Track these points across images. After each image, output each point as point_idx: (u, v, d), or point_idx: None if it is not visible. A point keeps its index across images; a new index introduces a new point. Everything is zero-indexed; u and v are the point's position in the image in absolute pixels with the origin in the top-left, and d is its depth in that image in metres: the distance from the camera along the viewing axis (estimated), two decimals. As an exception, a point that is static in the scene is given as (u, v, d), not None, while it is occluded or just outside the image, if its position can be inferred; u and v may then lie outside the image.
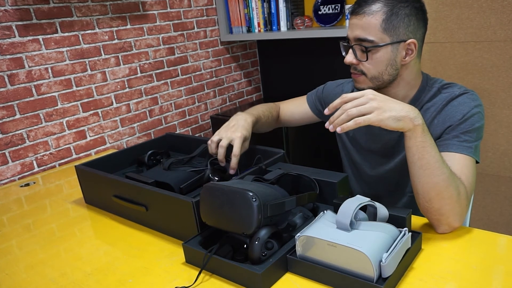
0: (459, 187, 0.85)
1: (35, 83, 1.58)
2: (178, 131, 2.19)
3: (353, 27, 0.97)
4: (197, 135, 2.29)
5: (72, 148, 1.73)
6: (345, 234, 0.74)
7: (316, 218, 0.82)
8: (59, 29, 1.63)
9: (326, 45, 2.26)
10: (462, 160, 0.91)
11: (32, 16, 1.55)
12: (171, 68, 2.10)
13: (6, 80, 1.50)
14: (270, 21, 2.20)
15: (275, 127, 1.34)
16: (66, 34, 1.66)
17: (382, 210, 0.81)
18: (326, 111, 0.88)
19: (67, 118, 1.70)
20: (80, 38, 1.71)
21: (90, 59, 1.75)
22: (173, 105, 2.14)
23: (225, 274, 0.80)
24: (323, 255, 0.75)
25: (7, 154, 1.53)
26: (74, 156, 1.74)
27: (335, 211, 0.79)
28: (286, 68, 2.52)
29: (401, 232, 0.77)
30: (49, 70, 1.62)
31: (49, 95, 1.63)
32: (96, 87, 1.79)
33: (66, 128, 1.70)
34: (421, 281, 0.74)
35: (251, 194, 0.76)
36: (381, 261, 0.69)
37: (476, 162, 0.94)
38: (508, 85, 1.62)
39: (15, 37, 1.51)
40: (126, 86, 1.90)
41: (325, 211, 0.83)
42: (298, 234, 0.77)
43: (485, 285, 0.71)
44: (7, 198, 1.36)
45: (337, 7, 2.09)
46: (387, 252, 0.71)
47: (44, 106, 1.62)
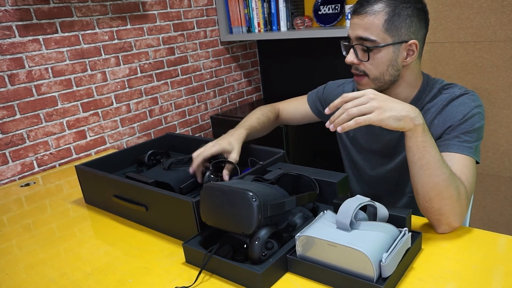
0: (459, 187, 0.85)
1: (35, 83, 1.58)
2: (178, 131, 2.19)
3: (355, 27, 0.96)
4: (197, 135, 2.29)
5: (72, 148, 1.73)
6: (345, 234, 0.74)
7: (316, 218, 0.82)
8: (59, 29, 1.63)
9: (326, 45, 2.25)
10: (462, 160, 0.91)
11: (32, 16, 1.55)
12: (171, 68, 2.10)
13: (6, 80, 1.50)
14: (270, 21, 2.20)
15: (275, 127, 1.35)
16: (66, 34, 1.66)
17: (382, 210, 0.81)
18: (327, 111, 0.88)
19: (67, 118, 1.70)
20: (80, 38, 1.71)
21: (90, 59, 1.75)
22: (173, 105, 2.14)
23: (225, 274, 0.80)
24: (323, 255, 0.75)
25: (7, 154, 1.53)
26: (74, 156, 1.74)
27: (335, 211, 0.79)
28: (286, 68, 2.52)
29: (401, 232, 0.77)
30: (49, 70, 1.62)
31: (49, 95, 1.63)
32: (96, 87, 1.79)
33: (66, 128, 1.70)
34: (421, 281, 0.74)
35: (251, 194, 0.76)
36: (381, 261, 0.69)
37: (476, 163, 0.94)
38: (508, 85, 1.62)
39: (15, 37, 1.51)
40: (126, 86, 1.90)
41: (325, 211, 0.83)
42: (298, 234, 0.77)
43: (485, 285, 0.72)
44: (7, 198, 1.36)
45: (337, 7, 2.09)
46: (387, 252, 0.71)
47: (44, 106, 1.62)
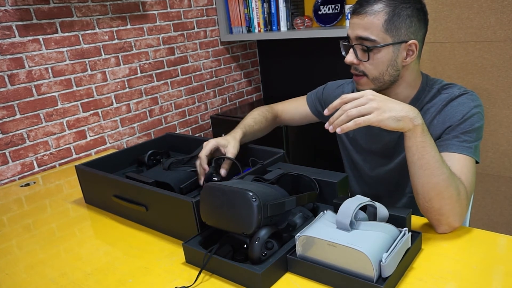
0: (459, 187, 0.85)
1: (35, 83, 1.58)
2: (178, 131, 2.19)
3: (355, 27, 0.96)
4: (197, 135, 2.29)
5: (72, 148, 1.73)
6: (345, 234, 0.74)
7: (316, 218, 0.82)
8: (59, 29, 1.63)
9: (326, 45, 2.25)
10: (462, 160, 0.91)
11: (32, 16, 1.55)
12: (171, 68, 2.10)
13: (6, 80, 1.50)
14: (270, 21, 2.20)
15: (274, 127, 1.34)
16: (66, 34, 1.66)
17: (382, 210, 0.81)
18: (326, 112, 0.88)
19: (67, 118, 1.70)
20: (80, 38, 1.71)
21: (90, 59, 1.75)
22: (173, 105, 2.14)
23: (225, 274, 0.80)
24: (323, 255, 0.75)
25: (7, 154, 1.53)
26: (74, 156, 1.74)
27: (335, 211, 0.79)
28: (286, 68, 2.52)
29: (401, 232, 0.77)
30: (49, 70, 1.62)
31: (49, 95, 1.63)
32: (96, 87, 1.79)
33: (66, 128, 1.70)
34: (421, 281, 0.74)
35: (251, 194, 0.76)
36: (381, 261, 0.69)
37: (476, 162, 0.94)
38: (508, 85, 1.62)
39: (15, 37, 1.51)
40: (126, 86, 1.90)
41: (325, 211, 0.83)
42: (298, 234, 0.77)
43: (485, 285, 0.72)
44: (7, 198, 1.36)
45: (337, 7, 2.09)
46: (387, 252, 0.71)
47: (44, 106, 1.62)
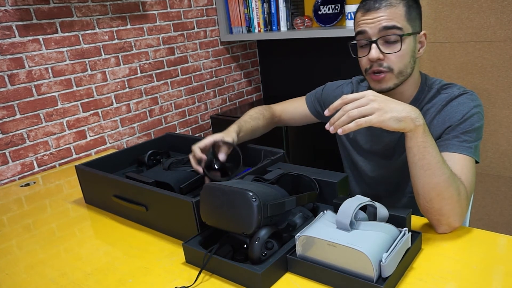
0: (460, 187, 0.85)
1: (35, 83, 1.58)
2: (178, 131, 2.19)
3: (375, 20, 0.95)
4: (197, 135, 2.29)
5: (72, 148, 1.73)
6: (345, 234, 0.74)
7: (316, 218, 0.82)
8: (59, 29, 1.63)
9: (326, 45, 2.25)
10: (462, 160, 0.91)
11: (32, 16, 1.55)
12: (171, 68, 2.10)
13: (6, 80, 1.50)
14: (270, 21, 2.20)
15: (273, 127, 1.34)
16: (66, 34, 1.66)
17: (382, 210, 0.81)
18: (327, 112, 0.88)
19: (67, 118, 1.70)
20: (80, 38, 1.71)
21: (90, 59, 1.75)
22: (173, 105, 2.14)
23: (225, 274, 0.80)
24: (323, 255, 0.75)
25: (7, 154, 1.53)
26: (74, 156, 1.74)
27: (335, 211, 0.79)
28: (286, 68, 2.52)
29: (401, 232, 0.77)
30: (49, 70, 1.62)
31: (49, 95, 1.63)
32: (96, 87, 1.79)
33: (66, 128, 1.70)
34: (421, 281, 0.74)
35: (251, 194, 0.76)
36: (381, 261, 0.69)
37: (476, 162, 0.94)
38: (508, 85, 1.62)
39: (15, 37, 1.51)
40: (126, 86, 1.90)
41: (325, 211, 0.83)
42: (298, 234, 0.77)
43: (485, 285, 0.72)
44: (7, 198, 1.36)
45: (337, 7, 2.09)
46: (387, 252, 0.71)
47: (44, 106, 1.62)
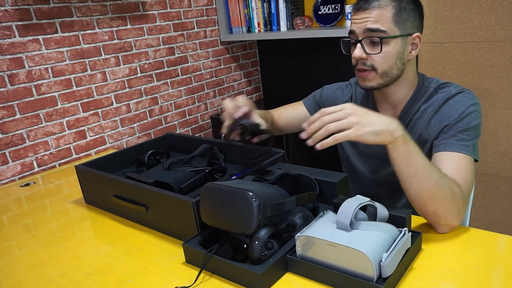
0: (453, 188, 0.85)
1: (35, 83, 1.58)
2: (178, 131, 2.19)
3: (362, 21, 0.96)
4: (197, 135, 2.29)
5: (72, 148, 1.73)
6: (345, 234, 0.74)
7: (316, 218, 0.82)
8: (59, 29, 1.63)
9: (326, 45, 2.25)
10: (460, 159, 0.91)
11: (32, 16, 1.55)
12: (171, 68, 2.10)
13: (6, 80, 1.50)
14: (270, 21, 2.20)
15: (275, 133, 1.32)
16: (66, 34, 1.66)
17: (382, 210, 0.81)
18: (305, 125, 0.84)
19: (67, 118, 1.70)
20: (80, 38, 1.71)
21: (90, 59, 1.75)
22: (173, 105, 2.14)
23: (225, 274, 0.80)
24: (323, 255, 0.75)
25: (7, 154, 1.53)
26: (74, 156, 1.74)
27: (335, 211, 0.79)
28: (286, 68, 2.52)
29: (401, 232, 0.77)
30: (49, 70, 1.62)
31: (49, 95, 1.63)
32: (96, 87, 1.79)
33: (66, 128, 1.70)
34: (421, 281, 0.74)
35: (251, 194, 0.76)
36: (381, 261, 0.69)
37: (475, 161, 0.94)
38: (508, 85, 1.62)
39: (15, 37, 1.51)
40: (126, 86, 1.90)
41: (325, 211, 0.83)
42: (298, 234, 0.77)
43: (485, 285, 0.72)
44: (7, 198, 1.36)
45: (337, 7, 2.09)
46: (387, 252, 0.71)
47: (44, 106, 1.62)
